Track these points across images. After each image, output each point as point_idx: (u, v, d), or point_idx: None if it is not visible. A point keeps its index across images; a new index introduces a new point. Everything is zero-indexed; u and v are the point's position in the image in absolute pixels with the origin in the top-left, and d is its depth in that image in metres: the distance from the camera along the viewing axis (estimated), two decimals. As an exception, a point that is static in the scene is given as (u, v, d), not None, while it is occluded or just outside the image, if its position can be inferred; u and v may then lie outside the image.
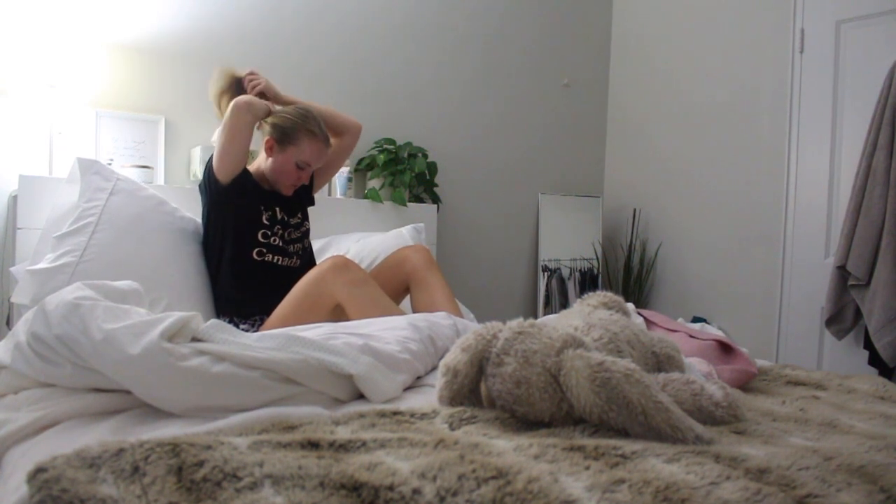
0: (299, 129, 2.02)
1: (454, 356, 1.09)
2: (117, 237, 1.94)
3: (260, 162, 2.12)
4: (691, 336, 1.56)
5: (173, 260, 2.02)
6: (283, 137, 2.03)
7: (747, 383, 1.37)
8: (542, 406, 0.98)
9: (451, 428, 0.97)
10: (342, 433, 0.89)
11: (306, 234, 2.23)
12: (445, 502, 0.68)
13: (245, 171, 2.05)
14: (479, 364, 1.08)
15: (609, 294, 1.38)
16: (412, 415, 1.01)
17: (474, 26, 3.33)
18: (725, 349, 1.50)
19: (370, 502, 0.68)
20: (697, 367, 1.26)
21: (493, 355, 1.05)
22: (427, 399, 1.20)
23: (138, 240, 1.97)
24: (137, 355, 1.05)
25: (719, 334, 1.65)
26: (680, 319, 2.04)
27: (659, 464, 0.79)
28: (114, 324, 1.09)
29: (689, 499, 0.70)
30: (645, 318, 1.71)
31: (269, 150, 2.06)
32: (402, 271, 2.09)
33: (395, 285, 2.08)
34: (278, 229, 2.09)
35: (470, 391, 1.09)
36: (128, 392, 1.11)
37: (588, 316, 1.21)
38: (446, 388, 1.08)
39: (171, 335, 1.11)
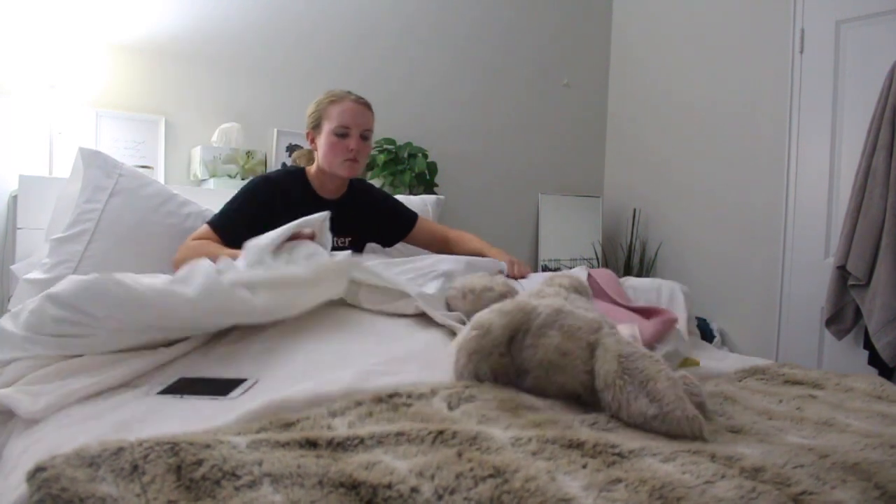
0: (323, 102, 2.00)
1: (489, 316, 1.13)
2: (115, 247, 1.87)
3: (317, 161, 2.04)
4: (620, 305, 1.68)
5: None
6: (316, 121, 2.01)
7: (671, 330, 1.53)
8: (580, 377, 1.08)
9: (450, 407, 0.98)
10: (339, 426, 0.90)
11: None
12: (443, 501, 0.68)
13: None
14: (512, 332, 1.13)
15: (577, 278, 1.45)
16: (409, 395, 1.01)
17: (475, 27, 3.33)
18: (648, 313, 1.62)
19: (368, 501, 0.68)
20: (627, 333, 1.35)
21: (535, 327, 1.12)
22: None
23: (138, 249, 1.90)
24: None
25: (648, 304, 1.73)
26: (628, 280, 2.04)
27: (655, 463, 0.80)
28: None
29: (685, 498, 0.70)
30: (592, 284, 1.75)
31: (313, 143, 2.03)
32: None
33: None
34: None
35: (489, 354, 1.12)
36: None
37: (566, 299, 1.26)
38: (475, 340, 1.11)
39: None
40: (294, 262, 1.51)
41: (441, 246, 2.25)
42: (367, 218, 2.15)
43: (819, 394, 1.25)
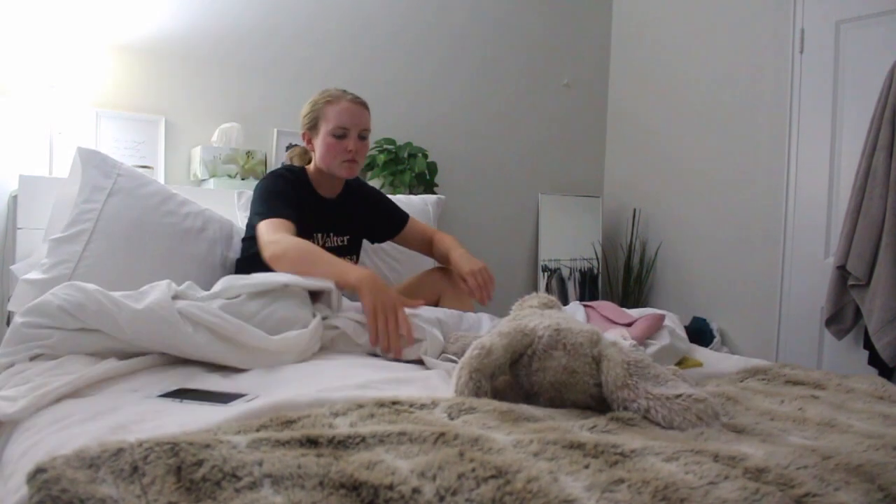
0: (319, 102, 1.99)
1: (491, 339, 1.13)
2: (114, 247, 1.85)
3: (315, 161, 2.05)
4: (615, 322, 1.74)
5: (175, 268, 1.90)
6: (312, 122, 1.99)
7: (659, 327, 1.64)
8: (591, 391, 1.11)
9: (451, 417, 0.97)
10: (341, 425, 0.89)
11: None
12: (445, 501, 0.68)
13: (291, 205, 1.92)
14: (513, 355, 1.14)
15: (545, 295, 1.47)
16: (411, 405, 1.01)
17: (474, 26, 3.33)
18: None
19: (370, 501, 0.68)
20: (617, 334, 1.41)
21: (539, 350, 1.12)
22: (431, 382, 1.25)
23: (137, 249, 1.88)
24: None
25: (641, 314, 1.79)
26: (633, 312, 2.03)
27: (658, 463, 0.79)
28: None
29: (688, 498, 0.70)
30: (592, 315, 1.81)
31: (310, 143, 2.02)
32: (435, 288, 2.17)
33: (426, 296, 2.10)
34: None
35: (491, 375, 1.12)
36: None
37: (551, 317, 1.27)
38: (476, 359, 1.11)
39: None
40: (263, 317, 1.46)
41: (427, 248, 2.25)
42: (363, 216, 2.16)
43: (821, 394, 1.24)
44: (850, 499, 0.73)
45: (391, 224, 2.23)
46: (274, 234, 1.75)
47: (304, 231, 1.88)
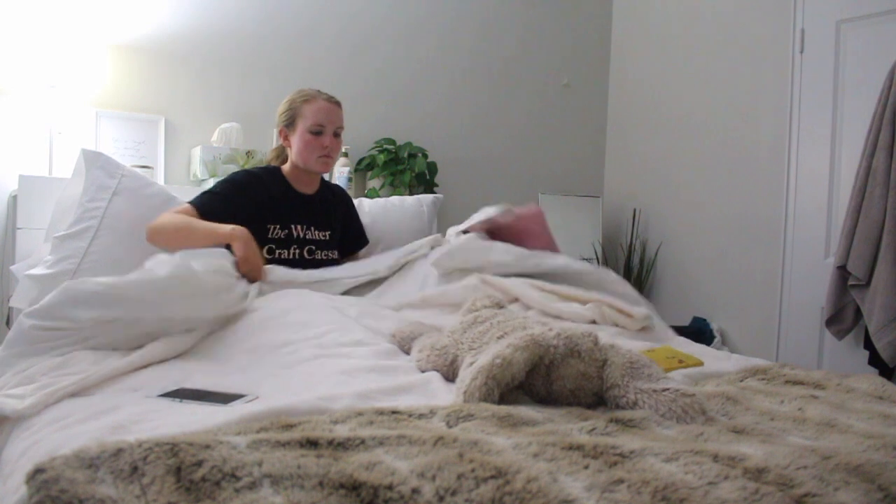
0: (296, 101, 2.08)
1: (509, 350, 1.14)
2: (118, 243, 1.88)
3: (291, 157, 2.11)
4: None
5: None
6: (289, 119, 2.08)
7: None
8: (601, 392, 1.16)
9: (449, 426, 0.97)
10: (340, 431, 0.90)
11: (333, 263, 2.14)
12: (444, 502, 0.68)
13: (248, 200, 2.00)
14: (530, 367, 1.16)
15: (494, 297, 1.53)
16: (410, 414, 1.01)
17: (474, 26, 3.33)
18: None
19: (369, 502, 0.68)
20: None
21: (557, 359, 1.15)
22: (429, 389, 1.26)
23: (140, 246, 1.88)
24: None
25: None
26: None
27: (657, 463, 0.79)
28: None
29: (688, 499, 0.70)
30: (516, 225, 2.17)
31: (286, 140, 2.10)
32: None
33: None
34: (295, 249, 2.05)
35: (506, 385, 1.14)
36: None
37: (542, 322, 1.36)
38: (499, 368, 1.11)
39: None
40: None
41: None
42: (342, 216, 2.23)
43: (821, 394, 1.24)
44: (850, 499, 0.73)
45: (356, 241, 2.33)
46: (164, 214, 1.88)
47: (282, 224, 2.01)
